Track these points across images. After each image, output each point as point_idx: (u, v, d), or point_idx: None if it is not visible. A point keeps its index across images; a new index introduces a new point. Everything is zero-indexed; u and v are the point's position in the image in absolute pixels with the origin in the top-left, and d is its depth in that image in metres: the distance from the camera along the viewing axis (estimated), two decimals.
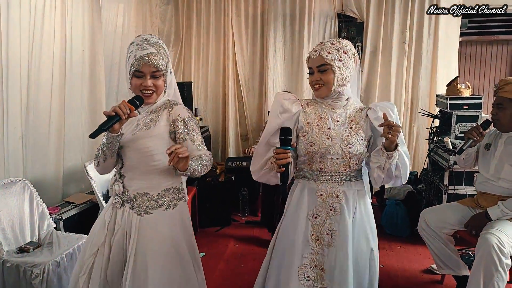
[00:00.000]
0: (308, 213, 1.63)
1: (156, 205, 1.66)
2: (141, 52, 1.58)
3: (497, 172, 2.35)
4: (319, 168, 1.62)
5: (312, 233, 1.61)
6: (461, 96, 3.48)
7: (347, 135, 1.60)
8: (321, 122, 1.62)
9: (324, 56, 1.56)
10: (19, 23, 2.54)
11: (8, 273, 2.14)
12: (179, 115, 1.64)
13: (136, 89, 1.62)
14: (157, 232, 1.64)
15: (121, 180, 1.67)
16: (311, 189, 1.64)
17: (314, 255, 1.60)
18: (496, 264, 2.07)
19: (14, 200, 2.36)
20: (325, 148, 1.59)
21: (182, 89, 4.13)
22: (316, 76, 1.59)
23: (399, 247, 3.29)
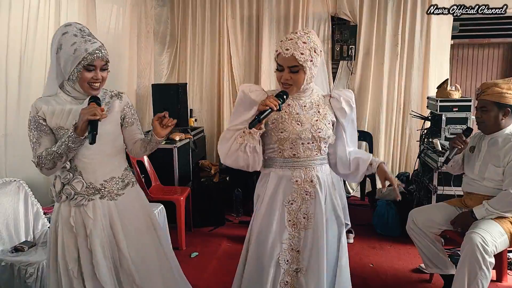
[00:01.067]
0: (284, 200, 1.67)
1: (124, 185, 1.79)
2: (91, 45, 1.61)
3: (481, 173, 2.41)
4: (292, 154, 1.66)
5: (289, 219, 1.67)
6: (451, 99, 3.54)
7: (316, 119, 1.65)
8: (289, 108, 1.65)
9: (297, 57, 1.55)
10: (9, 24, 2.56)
11: (3, 272, 2.17)
12: (128, 102, 1.82)
13: (84, 81, 1.63)
14: (135, 208, 1.81)
15: (80, 176, 1.70)
16: (286, 176, 1.67)
17: (291, 239, 1.67)
18: (480, 263, 2.13)
19: (9, 200, 2.39)
20: (296, 133, 1.63)
21: (177, 90, 4.18)
22: (287, 75, 1.59)
23: (389, 246, 3.35)
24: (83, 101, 1.68)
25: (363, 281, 2.82)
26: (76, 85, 1.65)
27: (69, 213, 1.71)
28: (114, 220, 1.73)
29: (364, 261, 3.11)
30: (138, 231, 1.80)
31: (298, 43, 1.56)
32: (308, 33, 1.61)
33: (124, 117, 1.80)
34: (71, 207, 1.71)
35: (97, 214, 1.71)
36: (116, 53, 4.00)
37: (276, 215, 1.67)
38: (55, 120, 1.66)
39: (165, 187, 3.60)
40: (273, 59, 5.01)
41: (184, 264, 3.07)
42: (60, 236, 1.72)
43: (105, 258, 1.71)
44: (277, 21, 4.65)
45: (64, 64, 1.62)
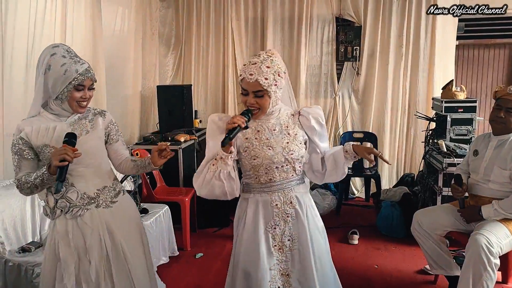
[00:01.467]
0: (267, 226, 1.64)
1: (116, 193, 1.84)
2: (81, 66, 1.67)
3: (486, 175, 2.40)
4: (268, 179, 1.64)
5: (274, 244, 1.64)
6: (456, 99, 3.53)
7: (287, 141, 1.63)
8: (259, 134, 1.64)
9: (261, 83, 1.54)
10: (15, 27, 2.60)
11: (10, 272, 2.20)
12: (111, 120, 1.88)
13: (74, 100, 1.68)
14: (129, 213, 1.88)
15: (73, 188, 1.72)
16: (265, 201, 1.65)
17: (279, 264, 1.64)
18: (485, 264, 2.12)
19: (16, 201, 2.41)
20: (268, 158, 1.61)
21: (182, 92, 4.21)
22: (252, 100, 1.58)
23: (394, 248, 3.34)
24: (66, 118, 1.73)
25: (368, 283, 2.82)
26: (65, 104, 1.70)
27: (65, 227, 1.72)
28: (112, 227, 1.76)
29: (369, 263, 3.11)
30: (133, 236, 1.87)
31: (261, 67, 1.54)
32: (271, 55, 1.60)
33: (109, 134, 1.86)
34: (67, 220, 1.72)
35: (94, 223, 1.74)
36: (121, 55, 4.04)
37: (261, 241, 1.63)
38: (41, 139, 1.68)
39: (170, 188, 3.62)
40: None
41: (188, 264, 3.11)
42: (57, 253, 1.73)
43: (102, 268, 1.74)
44: (281, 23, 4.66)
45: (53, 84, 1.66)
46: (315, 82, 4.70)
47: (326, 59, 4.66)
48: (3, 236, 2.26)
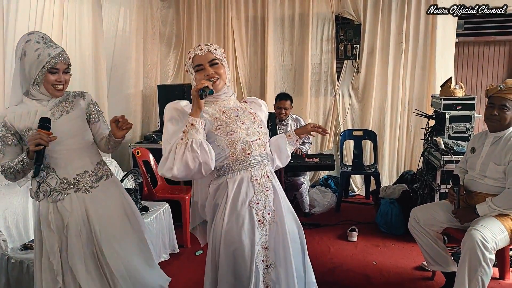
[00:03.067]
0: (250, 202, 1.64)
1: (97, 178, 1.90)
2: (53, 50, 1.74)
3: (482, 171, 2.42)
4: (246, 154, 1.63)
5: (258, 219, 1.64)
6: (455, 97, 3.54)
7: (253, 118, 1.72)
8: (226, 114, 1.66)
9: (213, 52, 1.64)
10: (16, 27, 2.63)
11: (13, 268, 2.25)
12: (91, 100, 1.95)
13: (49, 84, 1.75)
14: (110, 199, 1.92)
15: (53, 173, 1.80)
16: (246, 177, 1.64)
17: (261, 238, 1.64)
18: (480, 259, 2.14)
19: (18, 199, 2.47)
20: (244, 131, 1.64)
21: (182, 91, 4.23)
22: (210, 70, 1.62)
23: (393, 244, 3.36)
24: (47, 103, 1.80)
25: (366, 279, 2.84)
26: (42, 88, 1.76)
27: (47, 209, 1.81)
28: (89, 211, 1.84)
29: (368, 259, 3.13)
30: (115, 220, 1.92)
31: (209, 45, 1.67)
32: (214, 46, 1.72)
33: (90, 114, 1.92)
34: (49, 203, 1.81)
35: (73, 207, 1.81)
36: (123, 54, 4.08)
37: (245, 218, 1.62)
38: (23, 122, 1.76)
39: (170, 186, 3.66)
40: (278, 59, 5.04)
41: (189, 261, 3.14)
42: (43, 233, 1.82)
43: (80, 247, 1.81)
44: (281, 21, 4.69)
45: (29, 69, 1.73)
46: (315, 80, 4.72)
47: (326, 58, 4.67)
48: (5, 234, 2.31)
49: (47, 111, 1.79)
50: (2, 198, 2.36)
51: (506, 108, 2.35)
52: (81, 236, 1.82)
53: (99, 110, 1.97)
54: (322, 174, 4.83)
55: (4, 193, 2.39)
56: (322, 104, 4.76)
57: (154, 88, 4.51)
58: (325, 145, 4.78)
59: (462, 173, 2.64)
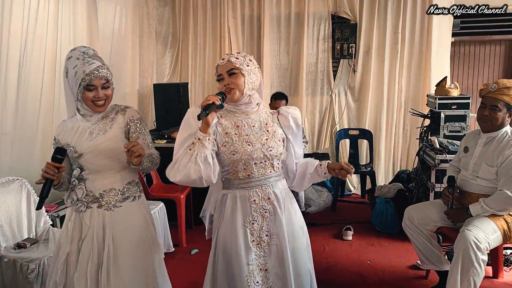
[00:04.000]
0: (245, 221, 1.65)
1: (123, 198, 1.81)
2: (89, 66, 1.70)
3: (475, 171, 2.42)
4: (246, 175, 1.65)
5: (252, 239, 1.65)
6: (450, 96, 3.55)
7: (266, 138, 1.65)
8: (238, 130, 1.66)
9: (233, 61, 1.63)
10: (10, 26, 2.63)
11: (6, 267, 2.25)
12: (132, 116, 1.83)
13: (88, 100, 1.73)
14: (130, 222, 1.81)
15: (82, 184, 1.77)
16: (243, 197, 1.66)
17: (258, 259, 1.64)
18: (473, 260, 2.15)
19: (12, 198, 2.46)
20: (247, 154, 1.62)
21: (178, 90, 4.24)
22: (227, 80, 1.63)
23: (387, 243, 3.37)
24: (90, 118, 1.79)
25: (361, 278, 2.85)
26: (83, 104, 1.75)
27: (70, 216, 1.81)
28: (106, 230, 1.78)
29: (362, 258, 3.14)
30: (131, 245, 1.80)
31: (232, 53, 1.68)
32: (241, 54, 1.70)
33: (128, 131, 1.81)
34: (73, 211, 1.80)
35: (91, 222, 1.77)
36: (119, 53, 4.07)
37: (239, 236, 1.63)
38: (64, 138, 1.77)
39: (166, 185, 3.65)
40: (274, 58, 5.05)
41: (184, 260, 3.14)
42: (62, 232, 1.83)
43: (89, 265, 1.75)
44: (278, 21, 4.69)
45: (72, 86, 1.74)
46: (312, 79, 4.73)
47: (322, 57, 4.68)
48: None
49: (87, 128, 1.77)
50: None
51: (498, 109, 2.34)
52: (92, 253, 1.76)
53: (141, 128, 1.83)
54: None
55: None
56: (318, 103, 4.76)
57: (150, 87, 4.51)
58: (321, 144, 4.79)
59: (455, 172, 2.64)
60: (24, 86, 2.77)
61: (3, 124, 2.64)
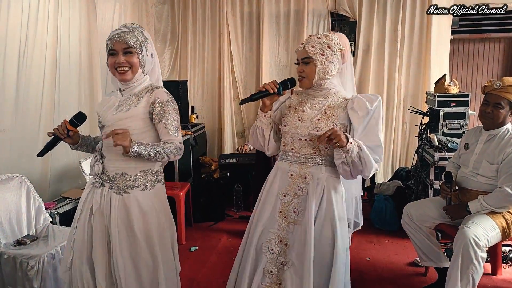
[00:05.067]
0: (279, 191, 1.76)
1: (133, 185, 1.72)
2: (113, 32, 1.69)
3: (475, 168, 2.42)
4: (290, 148, 1.76)
5: (280, 210, 1.73)
6: (449, 94, 3.55)
7: (318, 119, 1.68)
8: (299, 106, 1.77)
9: (308, 50, 1.67)
10: (8, 23, 2.62)
11: (5, 264, 2.24)
12: (158, 97, 1.70)
13: (112, 67, 1.69)
14: (134, 211, 1.71)
15: (101, 161, 1.76)
16: (284, 169, 1.78)
17: (280, 231, 1.72)
18: (472, 257, 2.15)
19: (12, 195, 2.45)
20: (294, 128, 1.72)
21: (177, 87, 4.23)
22: (300, 67, 1.72)
23: (386, 241, 3.38)
24: (124, 92, 1.77)
25: (360, 275, 2.86)
26: (112, 76, 1.76)
27: (87, 189, 1.82)
28: (111, 212, 1.72)
29: (361, 255, 3.14)
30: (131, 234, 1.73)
31: (313, 38, 1.70)
32: (329, 33, 1.72)
33: (152, 112, 1.70)
34: (90, 183, 1.81)
35: (102, 200, 1.75)
36: None
37: (271, 204, 1.75)
38: (99, 107, 1.84)
39: (165, 183, 3.64)
40: (273, 56, 5.02)
41: (183, 258, 3.12)
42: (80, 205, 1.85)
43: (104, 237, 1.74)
44: (277, 18, 4.68)
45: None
46: None
47: None
48: None
49: (117, 102, 1.74)
50: None
51: (501, 106, 2.34)
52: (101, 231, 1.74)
53: (165, 110, 1.68)
54: None
55: None
56: None
57: None
58: None
59: (455, 168, 2.64)
60: (24, 84, 2.76)
61: (1, 122, 2.63)
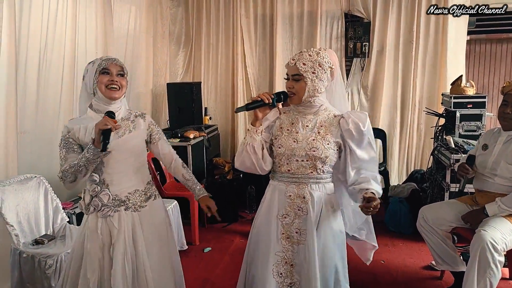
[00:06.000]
0: (278, 213, 1.73)
1: (146, 198, 1.89)
2: (105, 57, 1.83)
3: (493, 169, 2.39)
4: (287, 170, 1.72)
5: (283, 232, 1.71)
6: (465, 95, 3.50)
7: (313, 139, 1.68)
8: (291, 127, 1.73)
9: (299, 67, 1.65)
10: (29, 27, 2.68)
11: (24, 263, 2.29)
12: (151, 121, 1.96)
13: (103, 84, 1.76)
14: (156, 220, 1.91)
15: (107, 189, 1.79)
16: (281, 190, 1.74)
17: (285, 252, 1.71)
18: (489, 261, 2.12)
19: (30, 195, 2.50)
20: (290, 150, 1.69)
21: (191, 89, 4.27)
22: (290, 83, 1.70)
23: (401, 244, 3.35)
24: (89, 116, 1.81)
25: (374, 277, 2.84)
26: (98, 93, 1.77)
27: (96, 224, 1.80)
28: (137, 230, 1.82)
29: (375, 258, 3.05)
30: (158, 242, 1.89)
31: (304, 55, 1.67)
32: (320, 50, 1.69)
33: (151, 134, 1.93)
34: (98, 218, 1.80)
35: (121, 225, 1.80)
36: (133, 53, 4.12)
37: (272, 226, 1.73)
38: (88, 136, 1.75)
39: (179, 184, 3.66)
40: (287, 56, 5.03)
41: (197, 259, 3.17)
42: (85, 246, 1.81)
43: (124, 267, 1.77)
44: (290, 19, 4.67)
45: (88, 81, 1.79)
46: None
47: None
48: (17, 229, 2.35)
49: None
50: (14, 193, 2.40)
51: None
52: (126, 254, 1.79)
53: (160, 130, 1.98)
54: None
55: (16, 189, 2.43)
56: None
57: (164, 87, 4.54)
58: None
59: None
60: (44, 86, 2.82)
61: (22, 123, 2.69)
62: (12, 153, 2.55)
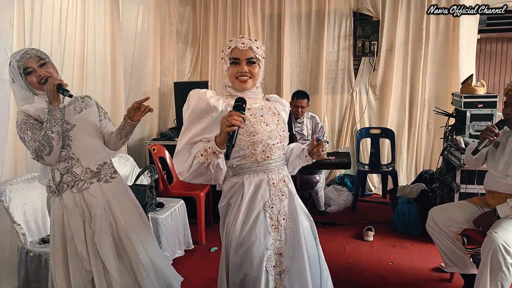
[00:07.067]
0: (265, 205, 1.62)
1: (114, 170, 2.03)
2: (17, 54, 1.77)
3: (505, 170, 2.34)
4: (265, 157, 1.61)
5: (272, 223, 1.63)
6: (476, 95, 3.44)
7: (277, 119, 1.68)
8: (252, 111, 1.61)
9: (254, 50, 1.58)
10: (41, 27, 2.69)
11: (31, 261, 2.31)
12: (95, 101, 2.05)
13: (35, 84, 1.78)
14: (124, 190, 2.04)
15: (78, 163, 1.86)
16: (261, 181, 1.62)
17: (274, 243, 1.62)
18: (501, 264, 2.08)
19: (37, 194, 2.51)
20: (266, 134, 1.60)
21: (198, 88, 4.24)
22: (245, 67, 1.58)
23: (410, 245, 3.30)
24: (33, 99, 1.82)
25: (382, 279, 2.80)
26: (37, 92, 1.80)
27: (73, 200, 1.84)
28: (111, 200, 1.92)
29: (384, 259, 3.08)
30: (130, 209, 2.02)
31: (252, 41, 1.61)
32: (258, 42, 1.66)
33: (98, 113, 2.02)
34: (74, 194, 1.84)
35: (98, 195, 1.89)
36: (141, 52, 4.12)
37: (258, 221, 1.60)
38: (32, 113, 1.78)
39: (186, 183, 3.67)
40: (294, 56, 4.99)
41: (203, 258, 3.16)
42: (67, 226, 1.84)
43: (108, 235, 1.89)
44: (298, 18, 4.64)
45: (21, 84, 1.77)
46: (332, 77, 4.67)
47: (343, 54, 4.61)
48: (24, 228, 2.35)
49: (65, 106, 1.85)
50: (21, 192, 2.40)
51: None
52: (107, 223, 1.90)
53: (103, 109, 2.07)
54: (338, 173, 4.78)
55: (23, 188, 2.43)
56: (338, 102, 4.70)
57: (171, 86, 4.54)
58: (341, 143, 4.73)
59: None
60: None
61: None
62: (21, 153, 2.56)
